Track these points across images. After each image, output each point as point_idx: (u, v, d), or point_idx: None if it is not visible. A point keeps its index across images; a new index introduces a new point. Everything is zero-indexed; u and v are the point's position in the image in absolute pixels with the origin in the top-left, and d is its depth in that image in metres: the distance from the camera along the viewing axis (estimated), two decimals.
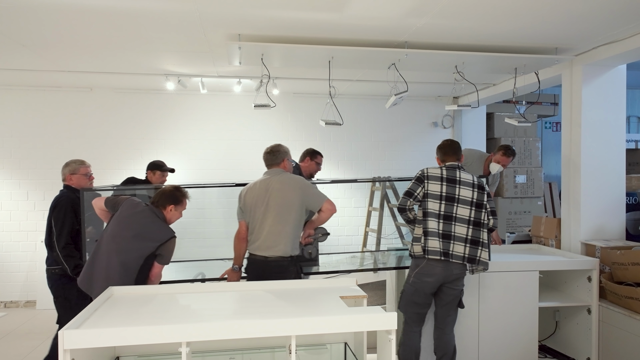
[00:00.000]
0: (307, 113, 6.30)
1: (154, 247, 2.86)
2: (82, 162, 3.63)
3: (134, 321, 2.21)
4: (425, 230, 3.14)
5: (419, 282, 3.18)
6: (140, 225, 2.90)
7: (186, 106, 6.04)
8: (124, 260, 2.83)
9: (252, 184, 3.32)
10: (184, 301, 2.55)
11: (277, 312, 2.37)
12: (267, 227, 3.16)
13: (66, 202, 3.46)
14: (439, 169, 3.24)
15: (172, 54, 4.25)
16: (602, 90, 4.10)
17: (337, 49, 3.61)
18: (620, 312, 3.52)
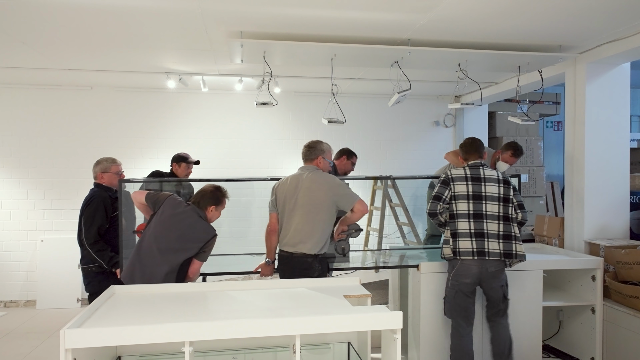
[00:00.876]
0: (308, 112, 6.27)
1: (198, 248, 2.89)
2: (114, 160, 3.63)
3: (136, 320, 2.19)
4: (454, 232, 3.19)
5: (458, 284, 3.22)
6: (184, 226, 2.91)
7: (187, 105, 6.01)
8: (168, 260, 2.85)
9: (284, 179, 3.31)
10: (186, 300, 2.52)
11: (281, 311, 2.35)
12: (294, 224, 3.15)
13: (98, 200, 3.45)
14: (462, 170, 3.29)
15: (173, 51, 4.22)
16: (606, 88, 4.08)
17: (340, 47, 3.59)
18: (625, 312, 3.50)
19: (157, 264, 2.85)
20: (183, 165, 4.40)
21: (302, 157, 3.39)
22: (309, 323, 2.10)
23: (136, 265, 2.90)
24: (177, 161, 4.43)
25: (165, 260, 2.85)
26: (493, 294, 3.25)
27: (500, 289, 3.24)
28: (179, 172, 4.41)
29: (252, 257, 4.06)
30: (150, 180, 4.22)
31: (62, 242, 5.67)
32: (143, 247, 2.92)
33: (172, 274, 2.87)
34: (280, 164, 6.21)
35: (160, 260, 2.85)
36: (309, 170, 3.27)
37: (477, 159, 3.34)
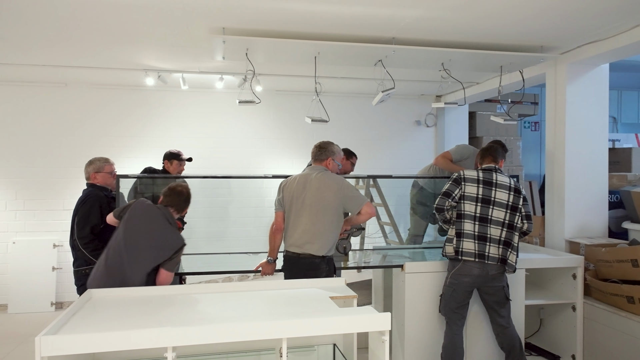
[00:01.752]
0: (290, 111, 6.21)
1: (168, 255, 2.82)
2: (107, 160, 3.55)
3: (116, 325, 2.10)
4: (459, 232, 3.23)
5: (457, 282, 3.25)
6: (156, 233, 2.84)
7: (166, 103, 5.89)
8: (141, 269, 2.78)
9: (292, 178, 3.28)
10: (168, 303, 2.44)
11: (267, 314, 2.29)
12: (302, 225, 3.13)
13: (94, 199, 3.37)
14: (475, 172, 3.31)
15: (152, 48, 4.11)
16: (586, 89, 4.13)
17: (325, 44, 3.54)
18: (605, 309, 3.54)
19: (128, 273, 2.76)
20: (175, 162, 4.34)
21: (312, 157, 3.35)
22: (297, 326, 2.05)
23: (104, 274, 2.79)
24: (169, 158, 4.36)
25: (136, 269, 2.77)
26: (494, 295, 3.28)
27: (502, 290, 3.27)
28: (171, 170, 4.35)
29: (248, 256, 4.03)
30: (145, 176, 4.15)
31: (35, 244, 5.49)
32: (112, 256, 2.81)
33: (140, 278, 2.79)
34: (262, 163, 6.13)
35: (131, 270, 2.76)
36: (318, 170, 3.24)
37: (491, 162, 3.37)
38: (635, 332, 3.30)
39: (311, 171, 3.25)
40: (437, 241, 5.21)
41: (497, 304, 3.30)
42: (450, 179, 3.32)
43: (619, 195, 4.36)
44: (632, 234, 3.96)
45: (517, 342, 3.34)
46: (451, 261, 3.30)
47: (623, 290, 3.38)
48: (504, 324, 3.33)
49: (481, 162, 3.42)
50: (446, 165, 4.37)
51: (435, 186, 4.69)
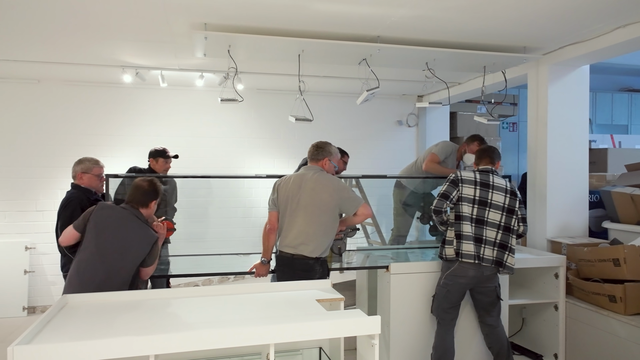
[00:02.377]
0: (271, 110, 6.13)
1: (145, 253, 2.74)
2: (97, 161, 3.41)
3: (94, 333, 2.00)
4: (459, 234, 3.21)
5: (451, 284, 3.25)
6: (129, 234, 2.74)
7: (144, 101, 5.73)
8: (113, 272, 2.67)
9: (287, 177, 3.22)
10: (148, 309, 2.35)
11: (252, 319, 2.22)
12: (297, 226, 3.08)
13: (75, 202, 3.22)
14: (472, 173, 3.30)
15: (130, 43, 3.98)
16: (567, 90, 4.17)
17: (309, 42, 3.48)
18: (587, 308, 3.57)
19: (106, 281, 2.64)
20: (161, 160, 4.24)
21: (308, 156, 3.29)
22: (284, 331, 1.98)
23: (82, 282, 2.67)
24: (155, 156, 4.26)
25: (114, 275, 2.66)
26: (486, 295, 3.29)
27: (495, 290, 3.30)
28: (157, 168, 4.24)
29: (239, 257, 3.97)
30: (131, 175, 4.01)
31: (6, 247, 5.27)
32: (84, 269, 2.68)
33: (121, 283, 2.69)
34: (242, 163, 6.04)
35: (108, 278, 2.65)
36: (314, 170, 3.19)
37: (488, 164, 3.36)
38: (617, 330, 3.34)
39: (307, 171, 3.20)
40: (419, 241, 5.21)
41: (489, 304, 3.32)
42: (447, 180, 3.30)
43: (599, 195, 4.41)
44: (612, 233, 4.01)
45: (506, 342, 3.36)
46: (446, 262, 3.28)
47: (605, 290, 3.41)
48: (493, 323, 3.34)
49: (477, 163, 3.41)
50: (437, 169, 4.38)
51: (419, 186, 4.68)
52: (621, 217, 3.94)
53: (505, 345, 3.34)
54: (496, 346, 3.36)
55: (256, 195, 5.99)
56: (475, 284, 3.25)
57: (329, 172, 3.25)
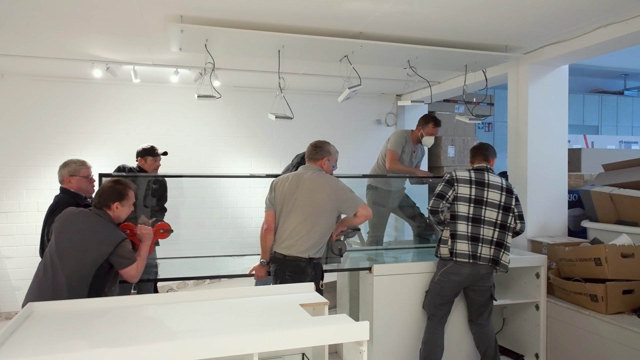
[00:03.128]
0: (248, 108, 5.99)
1: (105, 254, 2.58)
2: (83, 162, 3.23)
3: (62, 345, 1.85)
4: (453, 233, 3.22)
5: (446, 281, 3.26)
6: (82, 230, 2.60)
7: (116, 97, 5.51)
8: (71, 273, 2.53)
9: (285, 177, 3.16)
10: (121, 317, 2.20)
11: (235, 327, 2.09)
12: (291, 226, 3.02)
13: (64, 207, 2.99)
14: (467, 172, 3.29)
15: (101, 36, 3.79)
16: (547, 89, 4.18)
17: (290, 37, 3.37)
18: (568, 308, 3.57)
19: (60, 282, 2.51)
20: (149, 159, 4.11)
21: (306, 156, 3.21)
22: (269, 339, 1.87)
23: (38, 287, 2.54)
24: (143, 155, 4.12)
25: (67, 275, 2.52)
26: (480, 295, 3.32)
27: (489, 289, 3.32)
28: (146, 167, 4.11)
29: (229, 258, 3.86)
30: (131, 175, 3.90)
31: None
32: (44, 267, 2.57)
33: (79, 290, 2.54)
34: (218, 162, 5.87)
35: (63, 276, 2.52)
36: (312, 170, 3.11)
37: (482, 162, 3.35)
38: (599, 329, 3.34)
39: (305, 171, 3.12)
40: (398, 241, 5.15)
41: (482, 304, 3.34)
42: (442, 180, 3.30)
43: (577, 194, 4.44)
44: (591, 232, 4.03)
45: (494, 342, 3.38)
46: (442, 261, 3.29)
47: (586, 289, 3.41)
48: (483, 323, 3.36)
49: (472, 162, 3.41)
50: (400, 169, 4.34)
51: (390, 185, 4.61)
52: (600, 217, 3.96)
53: (493, 345, 3.35)
54: (483, 346, 3.37)
55: (233, 196, 5.84)
56: (470, 282, 3.26)
57: (328, 172, 3.18)
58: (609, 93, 8.93)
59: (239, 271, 3.86)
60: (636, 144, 7.96)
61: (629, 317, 3.28)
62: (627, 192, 3.70)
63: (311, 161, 3.17)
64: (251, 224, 5.92)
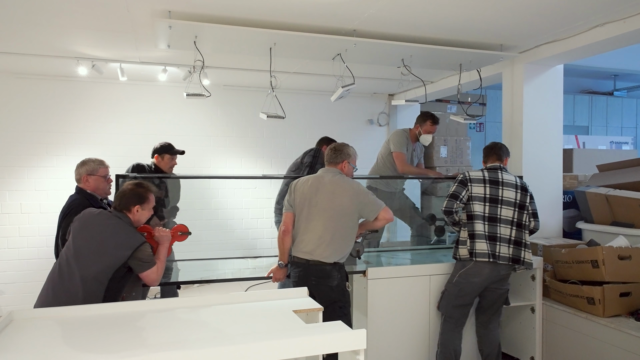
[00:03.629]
0: (238, 107, 5.88)
1: (124, 257, 2.52)
2: (102, 162, 3.17)
3: (40, 356, 1.74)
4: (472, 233, 3.19)
5: (465, 282, 3.21)
6: (101, 232, 2.55)
7: (102, 96, 5.37)
8: (86, 275, 2.47)
9: (305, 179, 3.08)
10: (106, 326, 2.09)
11: (221, 337, 1.99)
12: (313, 231, 2.95)
13: (78, 210, 2.92)
14: (480, 172, 3.29)
15: (86, 32, 3.66)
16: (542, 89, 4.14)
17: (282, 34, 3.28)
18: (565, 310, 3.52)
19: (75, 284, 2.46)
20: (167, 157, 3.99)
21: (326, 160, 3.14)
22: (262, 350, 1.77)
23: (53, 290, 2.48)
24: (160, 153, 3.99)
25: (83, 277, 2.46)
26: (496, 297, 3.29)
27: (506, 293, 3.29)
28: (162, 166, 3.99)
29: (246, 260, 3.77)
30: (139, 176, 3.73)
31: None
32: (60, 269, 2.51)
33: (95, 293, 2.47)
34: (208, 163, 5.76)
35: (79, 278, 2.46)
36: (332, 173, 3.05)
37: (495, 161, 3.34)
38: (596, 333, 3.29)
39: (325, 173, 3.05)
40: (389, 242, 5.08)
41: (495, 307, 3.33)
42: (456, 181, 3.29)
43: (572, 195, 4.41)
44: (587, 234, 3.99)
45: (497, 346, 3.35)
46: (460, 262, 3.24)
47: (583, 292, 3.36)
48: (491, 327, 3.35)
49: (485, 161, 3.40)
50: (412, 170, 4.28)
51: (390, 186, 4.54)
52: (595, 218, 3.92)
53: (495, 350, 3.32)
54: (487, 349, 3.35)
55: (223, 197, 5.73)
56: (489, 283, 3.22)
57: (348, 174, 3.13)
58: (599, 94, 8.96)
59: (229, 274, 3.77)
60: (627, 145, 7.99)
61: (626, 320, 3.24)
62: (623, 193, 3.66)
63: (331, 164, 3.10)
64: (241, 225, 5.81)
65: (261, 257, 4.65)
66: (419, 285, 3.44)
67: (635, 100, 9.07)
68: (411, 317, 3.43)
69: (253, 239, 5.82)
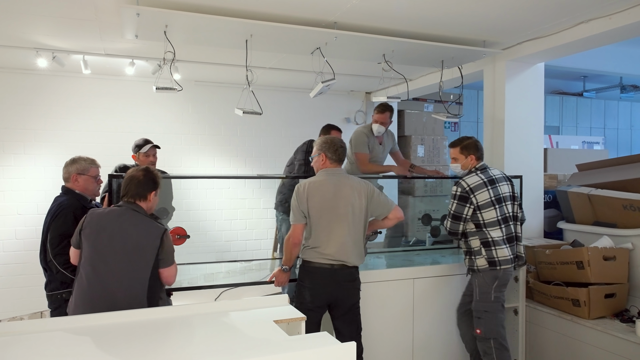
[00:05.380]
0: (210, 104, 5.64)
1: (155, 247, 2.38)
2: (93, 161, 2.98)
3: None
4: (486, 241, 3.01)
5: (502, 295, 3.05)
6: (123, 230, 2.38)
7: (64, 90, 5.04)
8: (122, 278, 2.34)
9: (315, 184, 2.83)
10: (65, 341, 1.87)
11: (206, 353, 1.79)
12: (338, 236, 2.81)
13: (67, 211, 2.76)
14: (475, 176, 3.07)
15: (45, 20, 3.38)
16: (524, 87, 4.08)
17: (259, 25, 3.08)
18: (549, 312, 3.46)
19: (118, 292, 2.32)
20: (141, 155, 3.78)
21: (333, 159, 2.89)
22: None
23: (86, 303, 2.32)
24: (135, 152, 3.81)
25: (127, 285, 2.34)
26: None
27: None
28: (141, 163, 3.78)
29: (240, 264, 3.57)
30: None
31: None
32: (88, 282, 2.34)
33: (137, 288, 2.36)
34: (179, 162, 5.50)
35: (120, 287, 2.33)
36: (342, 174, 2.90)
37: (482, 160, 3.21)
38: (580, 335, 3.23)
39: (336, 176, 2.87)
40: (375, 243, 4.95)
41: None
42: (454, 197, 3.06)
43: (552, 195, 4.37)
44: (568, 234, 3.95)
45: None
46: (486, 273, 3.02)
47: (568, 293, 3.30)
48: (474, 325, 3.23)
49: (479, 158, 3.19)
50: (374, 168, 4.11)
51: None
52: (577, 218, 3.88)
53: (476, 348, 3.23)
54: (471, 348, 3.31)
55: (195, 197, 5.49)
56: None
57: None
58: (569, 94, 9.09)
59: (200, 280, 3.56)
60: (598, 144, 8.11)
61: (611, 322, 3.19)
62: (606, 192, 3.63)
63: (337, 163, 2.92)
64: (214, 227, 5.58)
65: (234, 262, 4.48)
66: (412, 288, 3.34)
67: (603, 102, 9.25)
68: (406, 323, 3.33)
69: (226, 242, 5.60)
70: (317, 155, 2.91)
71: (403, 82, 5.37)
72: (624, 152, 8.99)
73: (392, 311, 3.30)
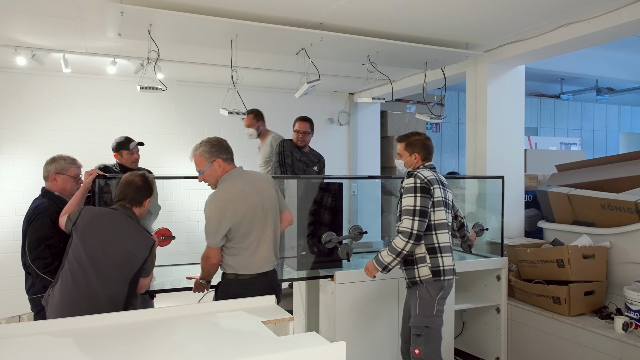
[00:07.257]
0: (193, 104, 5.59)
1: (142, 258, 2.40)
2: (74, 160, 2.89)
3: None
4: (433, 247, 2.63)
5: (442, 309, 2.67)
6: (115, 234, 2.38)
7: (43, 89, 4.94)
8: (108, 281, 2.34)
9: (234, 192, 2.48)
10: (53, 346, 1.83)
11: (191, 355, 1.78)
12: (269, 239, 2.57)
13: (44, 215, 2.69)
14: (429, 171, 2.70)
15: (24, 17, 3.31)
16: (505, 89, 4.15)
17: (244, 25, 3.08)
18: (530, 310, 3.53)
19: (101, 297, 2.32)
20: (124, 153, 3.66)
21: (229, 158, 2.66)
22: None
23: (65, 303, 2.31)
24: (117, 150, 3.69)
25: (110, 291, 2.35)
26: None
27: None
28: (124, 163, 3.68)
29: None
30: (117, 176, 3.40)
31: None
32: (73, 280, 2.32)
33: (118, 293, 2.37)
34: (162, 163, 5.43)
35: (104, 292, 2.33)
36: (245, 170, 2.65)
37: (430, 159, 2.82)
38: (561, 332, 3.30)
39: (245, 173, 2.63)
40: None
41: None
42: (416, 191, 2.57)
43: (532, 194, 4.45)
44: (548, 233, 4.03)
45: None
46: (430, 284, 2.63)
47: (549, 291, 3.37)
48: None
49: (426, 158, 2.80)
50: None
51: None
52: (557, 217, 3.96)
53: None
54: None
55: (177, 198, 5.43)
56: None
57: None
58: (547, 96, 9.27)
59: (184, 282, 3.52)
60: (575, 145, 8.29)
61: (590, 319, 3.26)
62: (585, 192, 3.71)
63: (232, 163, 2.65)
64: (197, 228, 5.53)
65: None
66: (390, 288, 3.31)
67: (580, 104, 9.46)
68: (384, 324, 3.31)
69: None
70: (211, 165, 2.55)
71: (387, 83, 5.44)
72: (599, 153, 9.22)
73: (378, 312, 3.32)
